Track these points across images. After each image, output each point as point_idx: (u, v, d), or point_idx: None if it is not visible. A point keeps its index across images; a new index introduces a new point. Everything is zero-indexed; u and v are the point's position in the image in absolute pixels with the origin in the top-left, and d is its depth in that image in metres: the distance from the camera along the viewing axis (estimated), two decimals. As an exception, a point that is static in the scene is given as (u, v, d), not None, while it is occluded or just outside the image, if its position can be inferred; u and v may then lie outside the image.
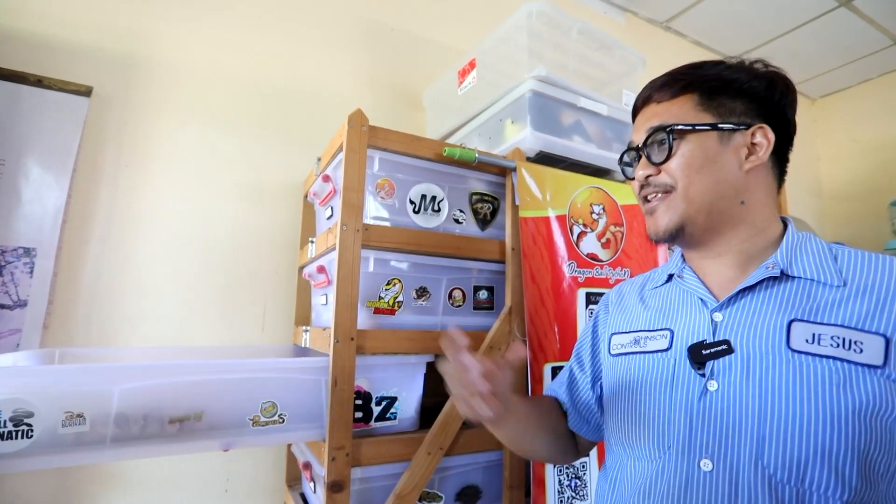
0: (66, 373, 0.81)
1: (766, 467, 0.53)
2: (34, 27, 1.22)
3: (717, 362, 0.59)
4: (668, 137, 0.64)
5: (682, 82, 0.67)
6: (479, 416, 0.58)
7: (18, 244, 1.17)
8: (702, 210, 0.63)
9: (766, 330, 0.58)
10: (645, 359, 0.67)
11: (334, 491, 0.87)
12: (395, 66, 1.73)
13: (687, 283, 0.69)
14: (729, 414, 0.57)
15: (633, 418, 0.67)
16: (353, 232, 0.97)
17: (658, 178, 0.66)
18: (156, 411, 0.82)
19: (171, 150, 1.35)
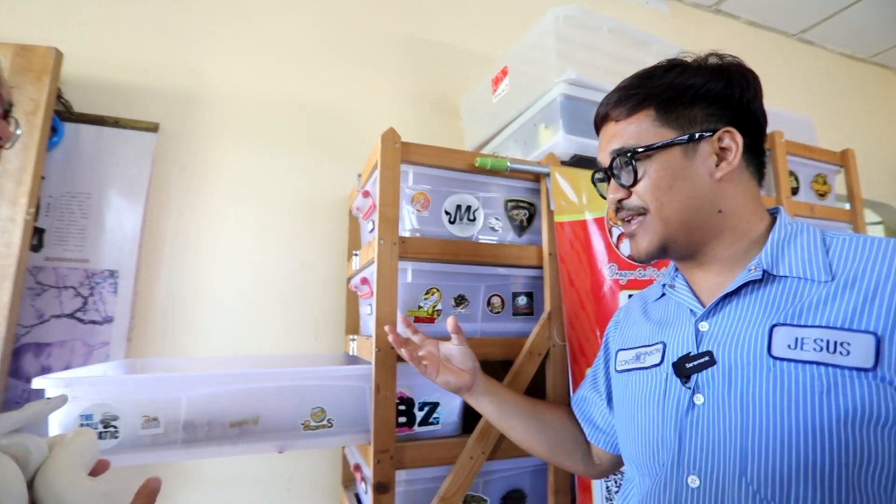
0: (143, 382, 0.91)
1: (750, 483, 0.51)
2: (111, 74, 1.38)
3: (700, 375, 0.58)
4: (632, 161, 0.63)
5: (635, 98, 0.64)
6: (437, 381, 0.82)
7: (104, 267, 1.32)
8: (680, 228, 0.62)
9: (747, 337, 0.56)
10: (642, 375, 0.67)
11: (380, 492, 0.92)
12: (432, 78, 1.78)
13: (678, 293, 0.68)
14: (714, 428, 0.55)
15: (633, 435, 0.67)
16: (389, 245, 1.02)
17: (630, 202, 0.65)
18: (218, 416, 0.90)
19: (228, 175, 1.47)
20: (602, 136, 0.69)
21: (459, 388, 0.84)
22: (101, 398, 0.85)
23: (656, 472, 0.61)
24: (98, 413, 0.84)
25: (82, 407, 0.83)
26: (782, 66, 2.50)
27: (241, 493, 1.32)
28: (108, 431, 0.85)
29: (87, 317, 1.29)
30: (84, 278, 1.30)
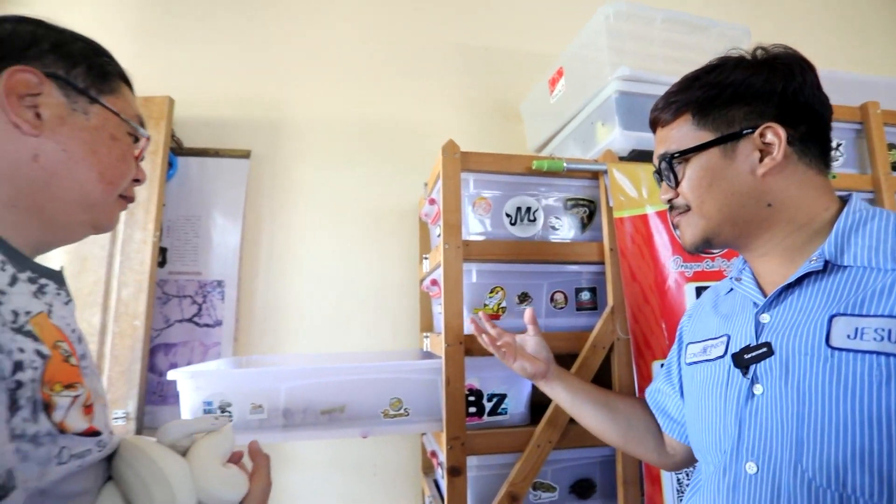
0: (251, 375, 1.07)
1: (805, 471, 0.52)
2: (210, 112, 1.60)
3: (759, 366, 0.59)
4: (672, 164, 0.66)
5: (675, 104, 0.67)
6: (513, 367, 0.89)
7: (213, 278, 1.53)
8: (723, 223, 0.64)
9: (806, 328, 0.56)
10: (708, 367, 0.69)
11: (453, 475, 1.00)
12: (491, 84, 1.84)
13: (743, 286, 0.68)
14: (771, 417, 0.57)
15: (698, 426, 0.69)
16: (454, 249, 1.10)
17: (678, 201, 0.69)
18: (311, 404, 1.04)
19: (311, 192, 1.63)
20: (655, 139, 0.73)
21: (534, 374, 0.90)
22: (218, 389, 1.02)
23: (718, 459, 0.62)
24: (216, 400, 1.01)
25: (204, 395, 1.00)
26: (875, 23, 2.25)
27: (333, 477, 1.47)
28: (224, 416, 1.01)
29: (201, 321, 1.51)
30: (198, 288, 1.52)
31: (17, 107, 0.48)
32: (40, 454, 0.40)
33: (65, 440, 0.42)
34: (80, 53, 0.54)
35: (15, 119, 0.48)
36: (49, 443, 0.41)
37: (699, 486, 0.68)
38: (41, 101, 0.49)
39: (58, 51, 0.51)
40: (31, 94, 0.49)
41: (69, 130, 0.51)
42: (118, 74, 0.59)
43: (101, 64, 0.56)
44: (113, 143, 0.54)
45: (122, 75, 0.60)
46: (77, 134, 0.51)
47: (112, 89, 0.56)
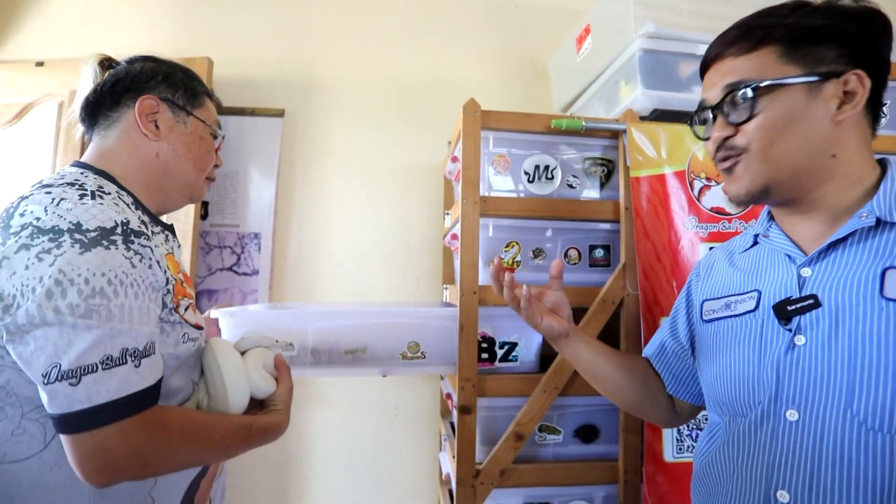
0: (282, 315, 1.18)
1: (856, 415, 0.53)
2: (247, 72, 1.67)
3: (804, 317, 0.59)
4: (750, 96, 0.60)
5: (759, 34, 0.61)
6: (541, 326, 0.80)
7: (251, 230, 1.65)
8: (787, 170, 0.61)
9: (857, 281, 0.56)
10: (735, 322, 0.68)
11: (463, 413, 1.09)
12: (521, 41, 1.83)
13: (773, 241, 0.67)
14: (817, 366, 0.57)
15: (724, 380, 0.68)
16: (472, 204, 1.15)
17: (736, 140, 0.63)
18: (336, 344, 1.14)
19: (341, 149, 1.70)
20: (713, 73, 0.66)
21: (560, 333, 0.82)
22: (254, 327, 1.13)
23: (752, 411, 0.62)
24: None
25: (242, 332, 1.11)
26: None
27: (356, 416, 1.60)
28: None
29: (240, 270, 1.63)
30: (237, 239, 1.64)
31: (145, 122, 0.72)
32: (175, 333, 0.66)
33: (186, 328, 0.68)
34: (180, 81, 0.76)
35: (144, 131, 0.72)
36: (178, 327, 0.67)
37: (717, 439, 0.69)
38: (158, 117, 0.73)
39: (166, 81, 0.75)
40: (153, 113, 0.73)
41: (176, 136, 0.74)
42: (204, 91, 0.81)
43: (192, 86, 0.78)
44: (202, 142, 0.77)
45: (206, 91, 0.82)
46: (180, 138, 0.75)
47: (200, 104, 0.78)
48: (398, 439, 1.62)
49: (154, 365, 0.60)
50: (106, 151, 0.72)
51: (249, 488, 1.58)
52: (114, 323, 0.56)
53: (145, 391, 0.57)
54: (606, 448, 1.19)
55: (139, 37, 1.69)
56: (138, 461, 0.56)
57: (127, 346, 0.56)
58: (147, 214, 0.70)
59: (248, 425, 0.69)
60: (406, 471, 1.62)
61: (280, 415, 0.74)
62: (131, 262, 0.59)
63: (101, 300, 0.56)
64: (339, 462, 1.60)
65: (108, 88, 0.73)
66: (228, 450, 0.66)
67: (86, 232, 0.57)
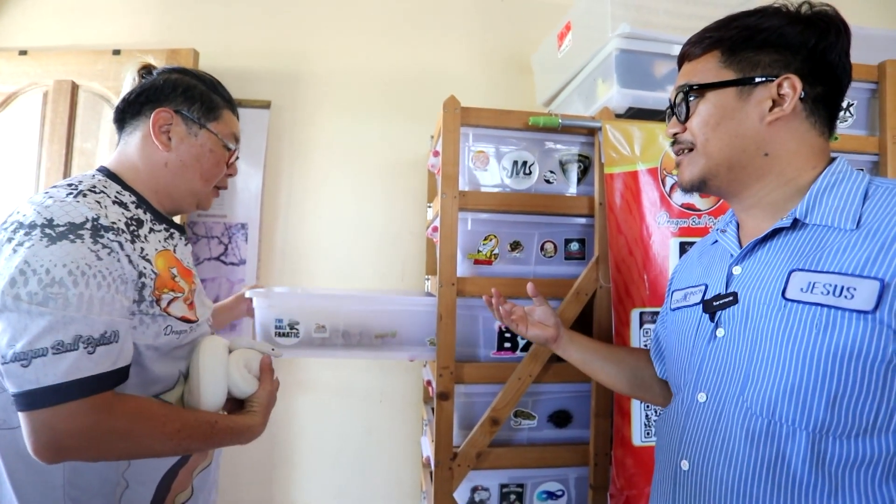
0: (317, 298, 1.23)
1: (745, 401, 0.61)
2: (233, 63, 1.68)
3: (724, 312, 0.66)
4: (688, 97, 0.68)
5: (708, 40, 0.68)
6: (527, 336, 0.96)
7: (238, 220, 1.67)
8: (722, 164, 0.66)
9: (768, 281, 0.61)
10: (686, 311, 0.75)
11: (442, 399, 1.14)
12: (506, 35, 1.85)
13: (726, 237, 0.72)
14: (727, 356, 0.64)
15: (670, 363, 0.78)
16: (451, 199, 1.19)
17: (683, 136, 0.70)
18: (367, 328, 1.18)
19: (328, 141, 1.72)
20: (679, 75, 0.73)
21: (546, 340, 0.97)
22: (289, 308, 1.16)
23: (679, 392, 0.72)
24: (286, 318, 1.16)
25: (277, 313, 1.15)
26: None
27: (343, 400, 1.65)
28: (292, 332, 1.16)
29: (227, 259, 1.66)
30: (224, 229, 1.67)
31: (157, 134, 0.77)
32: (156, 325, 0.70)
33: (170, 320, 0.71)
34: (199, 94, 0.80)
35: (156, 141, 0.77)
36: (160, 320, 0.70)
37: (664, 412, 0.77)
38: (172, 129, 0.78)
39: (185, 94, 0.79)
40: (167, 125, 0.78)
41: (186, 147, 0.79)
42: (225, 103, 0.85)
43: (212, 99, 0.82)
44: (211, 154, 0.82)
45: (228, 102, 0.86)
46: (190, 150, 0.79)
47: (216, 117, 0.82)
48: (383, 424, 1.68)
49: (113, 353, 0.63)
50: (124, 156, 0.79)
51: (237, 471, 1.63)
52: (69, 311, 0.59)
53: (98, 377, 0.60)
54: (579, 432, 1.25)
55: (125, 27, 1.69)
56: (82, 443, 0.60)
57: (81, 333, 0.60)
58: (151, 213, 0.76)
59: (213, 423, 0.71)
60: (390, 454, 1.68)
61: (254, 417, 0.77)
62: (97, 255, 0.63)
63: (59, 289, 0.59)
64: (325, 446, 1.66)
65: (133, 98, 0.79)
66: (185, 443, 0.68)
67: (55, 226, 0.62)
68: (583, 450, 1.22)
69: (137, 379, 0.69)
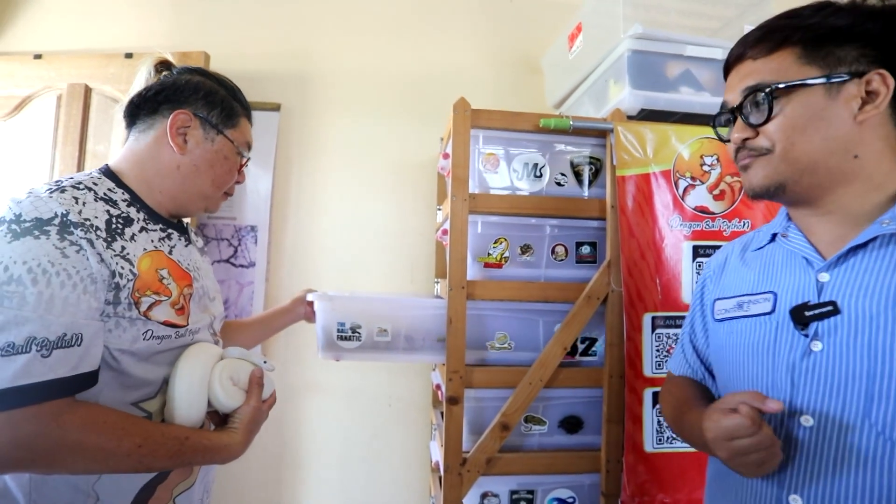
0: (380, 302, 1.22)
1: (875, 424, 0.54)
2: (243, 65, 1.68)
3: (821, 323, 0.59)
4: (767, 98, 0.61)
5: (779, 35, 0.62)
6: None
7: (247, 223, 1.67)
8: (807, 170, 0.60)
9: (878, 289, 0.56)
10: (748, 323, 0.67)
11: (451, 404, 1.13)
12: (516, 35, 1.84)
13: (791, 242, 0.66)
14: (834, 373, 0.57)
15: (737, 381, 0.68)
16: (461, 202, 1.18)
17: (755, 142, 0.63)
18: (429, 332, 1.18)
19: (337, 143, 1.72)
20: (733, 76, 0.67)
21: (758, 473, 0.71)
22: (352, 312, 1.16)
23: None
24: (348, 322, 1.16)
25: (339, 317, 1.15)
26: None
27: (352, 403, 1.65)
28: (354, 336, 1.16)
29: (237, 262, 1.67)
30: (234, 232, 1.67)
31: (174, 136, 0.75)
32: (134, 329, 0.65)
33: (150, 325, 0.67)
34: (220, 100, 0.79)
35: (172, 143, 0.75)
36: (139, 324, 0.66)
37: None
38: (189, 132, 0.76)
39: (206, 98, 0.78)
40: (184, 127, 0.76)
41: (200, 152, 0.77)
42: (243, 111, 0.83)
43: (231, 106, 0.80)
44: (225, 161, 0.80)
45: (246, 110, 0.85)
46: (204, 155, 0.78)
47: (234, 124, 0.81)
48: (392, 428, 1.67)
49: (73, 357, 0.58)
50: (131, 153, 0.77)
51: (244, 475, 1.63)
52: (25, 311, 0.56)
53: (52, 382, 0.56)
54: (590, 438, 1.24)
55: (136, 30, 1.70)
56: (26, 454, 0.56)
57: (35, 334, 0.55)
58: (146, 212, 0.73)
59: (183, 439, 0.65)
60: (399, 459, 1.67)
61: (232, 435, 0.71)
62: (62, 252, 0.59)
63: (16, 287, 0.56)
64: (333, 450, 1.65)
65: (151, 95, 0.77)
66: (146, 460, 0.62)
67: (22, 222, 0.59)
68: (594, 456, 1.20)
69: (115, 383, 0.65)
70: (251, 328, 1.10)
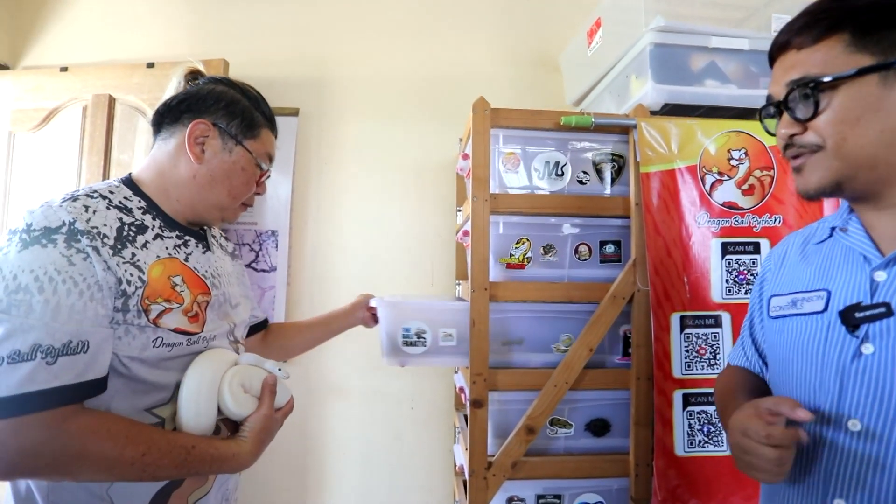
0: (443, 306, 1.20)
1: None
2: (261, 71, 1.70)
3: (873, 325, 0.56)
4: (813, 91, 0.57)
5: (826, 21, 0.57)
6: None
7: (268, 228, 1.69)
8: (864, 166, 0.57)
9: None
10: (800, 321, 0.64)
11: (476, 407, 1.11)
12: (533, 34, 1.82)
13: (851, 237, 0.62)
14: (885, 378, 0.54)
15: (785, 380, 0.65)
16: (482, 202, 1.17)
17: (804, 138, 0.59)
18: (494, 336, 1.16)
19: (354, 146, 1.73)
20: (778, 68, 0.63)
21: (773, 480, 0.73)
22: (416, 317, 1.16)
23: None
24: (414, 327, 1.16)
25: (404, 322, 1.15)
26: None
27: (374, 406, 1.64)
28: (420, 341, 1.16)
29: (258, 266, 1.68)
30: (255, 237, 1.68)
31: (192, 145, 0.75)
32: (143, 336, 0.65)
33: (160, 332, 0.66)
34: (241, 110, 0.79)
35: (189, 153, 0.75)
36: (149, 331, 0.65)
37: None
38: (207, 142, 0.76)
39: (227, 108, 0.77)
40: (203, 136, 0.76)
41: (218, 162, 0.77)
42: (264, 121, 0.82)
43: (252, 116, 0.80)
44: (242, 172, 0.79)
45: (269, 121, 0.83)
46: (221, 165, 0.77)
47: (254, 135, 0.80)
48: (414, 431, 1.66)
49: (79, 364, 0.58)
50: (152, 161, 0.77)
51: (267, 478, 1.64)
52: (31, 318, 0.56)
53: (57, 389, 0.56)
54: (618, 442, 1.21)
55: (158, 40, 1.73)
56: (32, 461, 0.56)
57: (40, 342, 0.56)
58: (162, 219, 0.74)
59: (190, 448, 0.64)
60: (422, 462, 1.66)
61: (241, 444, 0.69)
62: (69, 260, 0.60)
63: (23, 295, 0.57)
64: (356, 453, 1.65)
65: (174, 104, 0.77)
66: (150, 469, 0.61)
67: (31, 231, 0.60)
68: (622, 460, 1.17)
69: (127, 389, 0.65)
70: (312, 329, 1.13)
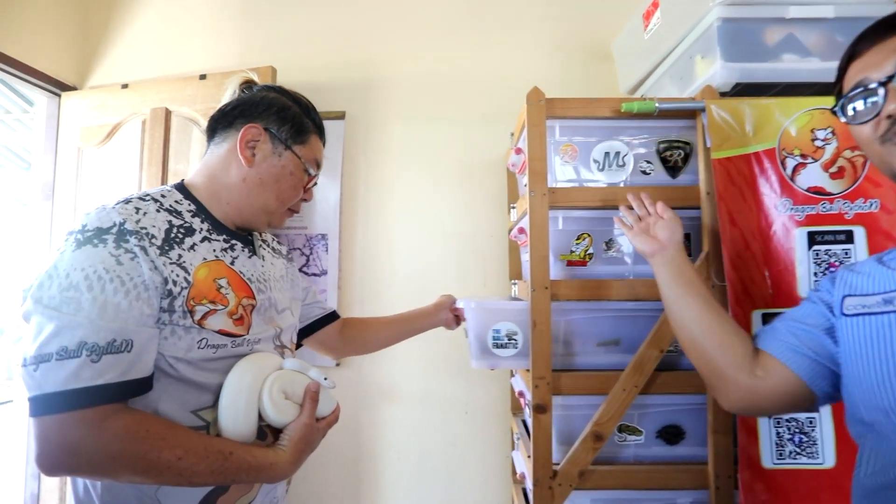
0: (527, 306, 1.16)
1: None
2: (308, 76, 1.71)
3: None
4: None
5: None
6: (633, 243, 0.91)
7: (318, 231, 1.69)
8: None
9: None
10: (880, 319, 0.60)
11: (539, 412, 1.05)
12: (580, 23, 1.75)
13: None
14: None
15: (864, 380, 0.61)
16: (540, 196, 1.11)
17: None
18: (587, 337, 1.13)
19: (402, 147, 1.71)
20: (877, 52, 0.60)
21: (644, 252, 0.94)
22: (507, 319, 1.13)
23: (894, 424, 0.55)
24: (504, 329, 1.13)
25: (494, 324, 1.13)
26: None
27: (427, 411, 1.61)
28: (511, 343, 1.13)
29: (310, 270, 1.69)
30: (306, 241, 1.69)
31: (244, 149, 0.77)
32: (189, 337, 0.66)
33: (205, 333, 0.67)
34: (291, 116, 0.80)
35: (241, 156, 0.77)
36: (194, 332, 0.66)
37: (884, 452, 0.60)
38: (258, 146, 0.78)
39: (278, 114, 0.79)
40: (254, 141, 0.77)
41: (267, 166, 0.78)
42: (314, 128, 0.84)
43: (302, 122, 0.81)
44: (290, 177, 0.80)
45: (318, 128, 0.85)
46: (270, 169, 0.78)
47: (303, 141, 0.82)
48: (469, 436, 1.61)
49: (122, 363, 0.59)
50: (205, 166, 0.80)
51: (322, 484, 1.63)
52: (79, 316, 0.57)
53: (98, 388, 0.57)
54: (693, 450, 1.12)
55: (209, 52, 1.78)
56: (73, 459, 0.57)
57: (86, 339, 0.57)
58: (211, 223, 0.75)
59: (228, 454, 0.63)
60: (477, 468, 1.61)
61: (279, 453, 0.68)
62: (117, 259, 0.61)
63: (74, 293, 0.58)
64: (410, 458, 1.62)
65: (228, 110, 0.80)
66: (186, 474, 0.60)
67: (85, 231, 0.62)
68: (699, 470, 1.08)
69: (174, 390, 0.65)
70: (393, 325, 1.14)
